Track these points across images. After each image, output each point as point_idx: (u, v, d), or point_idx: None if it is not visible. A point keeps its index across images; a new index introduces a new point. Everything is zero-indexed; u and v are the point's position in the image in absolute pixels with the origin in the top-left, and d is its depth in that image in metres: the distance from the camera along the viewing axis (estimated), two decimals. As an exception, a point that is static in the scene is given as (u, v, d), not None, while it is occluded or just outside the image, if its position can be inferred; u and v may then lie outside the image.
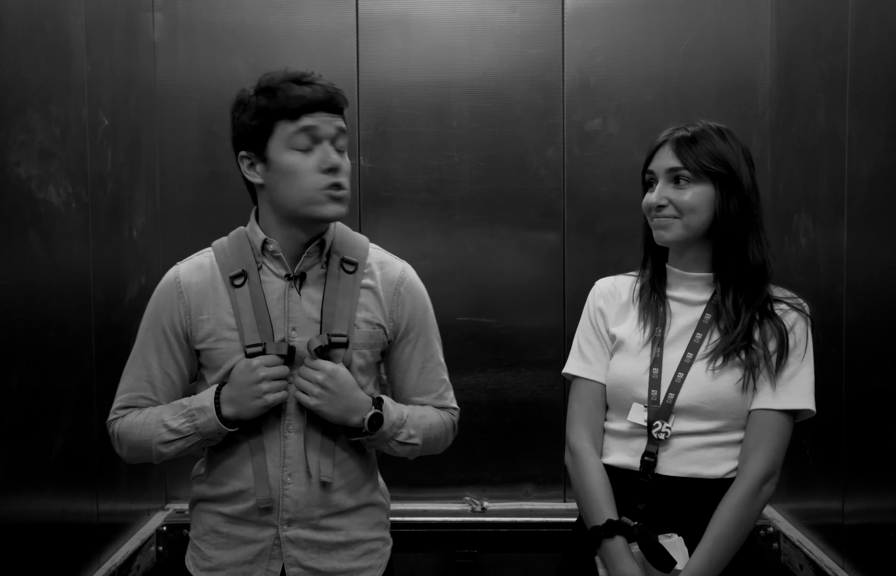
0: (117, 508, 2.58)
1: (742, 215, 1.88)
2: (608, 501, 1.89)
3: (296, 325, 1.85)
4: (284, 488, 1.84)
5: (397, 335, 1.95)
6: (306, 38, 2.94)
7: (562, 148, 2.95)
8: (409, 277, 1.98)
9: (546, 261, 2.97)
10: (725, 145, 1.89)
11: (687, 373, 1.87)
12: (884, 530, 2.15)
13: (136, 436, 1.85)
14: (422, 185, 2.97)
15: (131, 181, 2.74)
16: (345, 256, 1.90)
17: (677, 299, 1.96)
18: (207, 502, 1.91)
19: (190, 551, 1.95)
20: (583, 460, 1.94)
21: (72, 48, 2.32)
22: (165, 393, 1.89)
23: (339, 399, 1.81)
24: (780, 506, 2.85)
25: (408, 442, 1.91)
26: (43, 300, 2.14)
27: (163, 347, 1.88)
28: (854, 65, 2.29)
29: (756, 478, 1.82)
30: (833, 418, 2.39)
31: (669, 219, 1.90)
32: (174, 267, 1.93)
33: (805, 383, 1.87)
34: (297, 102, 1.78)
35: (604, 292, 2.06)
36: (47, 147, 2.16)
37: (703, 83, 2.93)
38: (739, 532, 1.81)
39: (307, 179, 1.79)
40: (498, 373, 3.00)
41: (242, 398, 1.78)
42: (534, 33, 2.94)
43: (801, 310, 1.91)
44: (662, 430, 1.86)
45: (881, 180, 2.15)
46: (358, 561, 1.92)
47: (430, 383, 2.00)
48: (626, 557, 1.82)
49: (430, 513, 2.94)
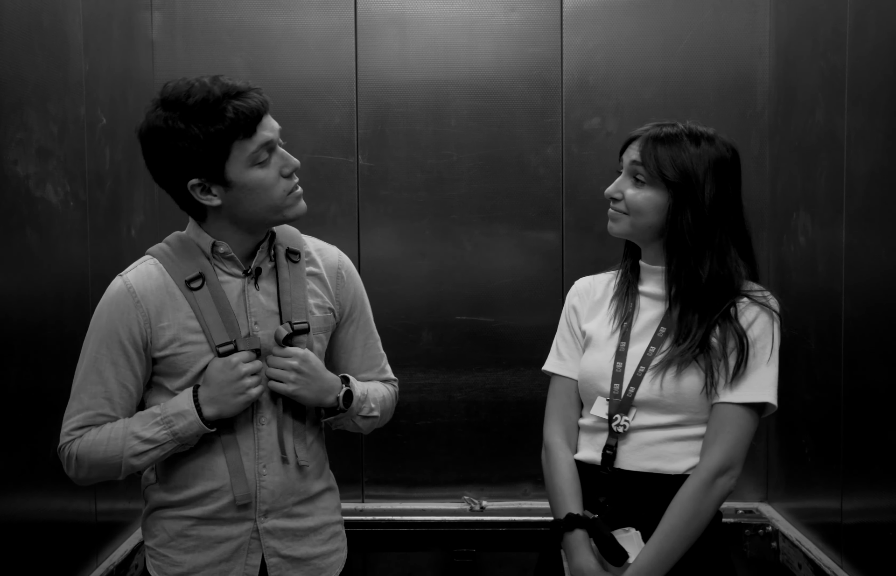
0: (115, 507, 2.58)
1: (695, 230, 1.85)
2: (574, 495, 1.91)
3: (257, 319, 1.86)
4: (261, 480, 1.85)
5: (342, 317, 2.00)
6: (304, 36, 2.94)
7: (560, 147, 2.95)
8: (346, 260, 2.04)
9: (544, 260, 2.97)
10: (695, 152, 1.87)
11: (648, 367, 1.88)
12: (882, 528, 2.15)
13: (101, 454, 1.78)
14: (420, 183, 2.97)
15: (129, 180, 2.73)
16: (288, 246, 1.93)
17: (646, 294, 1.97)
18: (168, 508, 1.88)
19: (153, 560, 1.90)
20: (553, 455, 1.98)
21: (70, 46, 2.32)
22: (123, 407, 1.82)
23: (314, 381, 1.85)
24: (779, 505, 2.85)
25: (370, 415, 1.97)
26: (40, 299, 2.14)
27: (119, 359, 1.81)
28: (853, 64, 2.29)
29: (710, 471, 1.81)
30: (832, 417, 2.39)
31: (620, 213, 1.92)
32: (119, 277, 1.86)
33: (766, 377, 1.84)
34: (249, 119, 1.74)
35: (579, 291, 2.09)
36: (45, 145, 2.15)
37: (701, 82, 2.93)
38: (691, 526, 1.80)
39: (275, 190, 1.79)
40: (496, 372, 3.00)
41: (224, 396, 1.78)
42: (532, 32, 2.94)
43: (765, 304, 1.87)
44: (621, 423, 1.87)
45: (880, 179, 2.15)
46: (326, 545, 1.96)
47: (373, 359, 2.07)
48: (583, 549, 1.85)
49: (428, 512, 2.94)
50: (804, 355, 2.60)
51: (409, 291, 2.96)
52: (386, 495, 3.00)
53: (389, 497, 3.00)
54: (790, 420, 2.75)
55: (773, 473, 2.91)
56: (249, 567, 1.86)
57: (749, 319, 1.86)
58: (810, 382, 2.57)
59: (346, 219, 2.96)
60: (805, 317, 2.59)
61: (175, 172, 1.78)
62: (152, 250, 1.91)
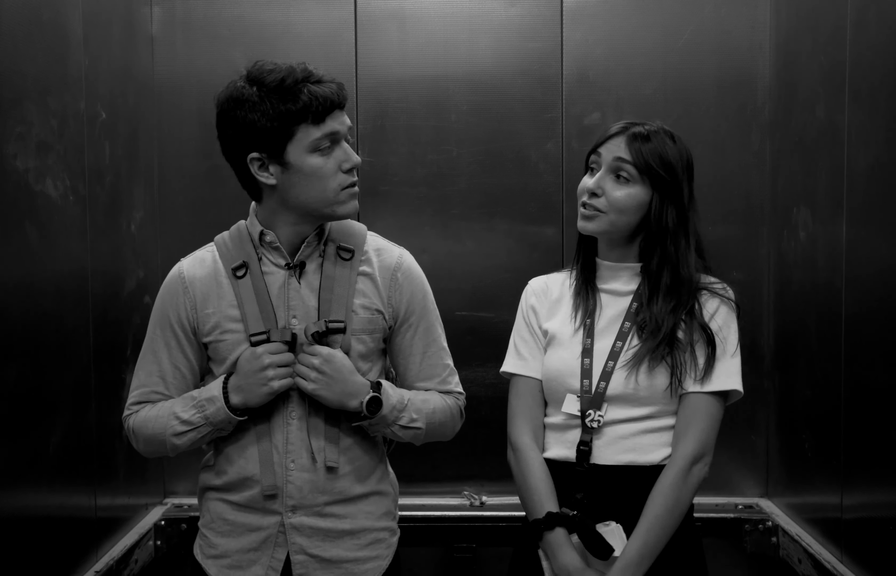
0: (115, 502, 2.58)
1: (678, 227, 1.91)
2: (549, 494, 1.92)
3: (296, 313, 1.87)
4: (288, 475, 1.86)
5: (397, 321, 1.96)
6: (304, 32, 2.93)
7: (560, 142, 2.95)
8: (407, 263, 1.99)
9: (545, 255, 2.96)
10: (675, 151, 1.92)
11: (616, 361, 1.90)
12: (882, 523, 2.15)
13: (150, 430, 1.87)
14: (420, 179, 2.97)
15: (129, 175, 2.73)
16: (341, 243, 1.92)
17: (606, 290, 1.99)
18: (214, 491, 1.93)
19: (198, 540, 1.97)
20: (523, 455, 1.97)
21: (69, 41, 2.32)
22: (177, 387, 1.91)
23: (336, 383, 1.82)
24: (779, 500, 2.85)
25: (410, 426, 1.91)
26: (40, 294, 2.13)
27: (171, 342, 1.90)
28: (853, 59, 2.29)
29: (685, 459, 1.85)
30: (832, 412, 2.39)
31: (596, 211, 1.93)
32: (178, 263, 1.95)
33: (731, 366, 1.90)
34: (322, 106, 1.78)
35: (535, 290, 2.10)
36: (45, 140, 2.15)
37: (702, 77, 2.92)
38: (673, 515, 1.83)
39: (331, 181, 1.82)
40: (496, 367, 2.97)
41: (249, 386, 1.80)
42: (532, 27, 2.94)
43: (724, 295, 1.93)
44: (595, 418, 1.89)
45: (880, 175, 2.14)
46: (364, 550, 1.93)
47: (434, 368, 2.00)
48: (566, 547, 1.85)
49: (428, 507, 2.94)
50: (804, 351, 2.60)
51: (409, 287, 2.95)
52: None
53: (389, 493, 3.00)
54: (790, 416, 2.75)
55: (773, 468, 2.91)
56: (275, 561, 1.88)
57: (710, 311, 1.92)
58: (810, 378, 2.57)
59: (345, 214, 2.95)
60: (805, 313, 2.59)
61: (239, 143, 1.82)
62: (217, 237, 1.97)
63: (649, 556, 1.81)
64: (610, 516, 1.86)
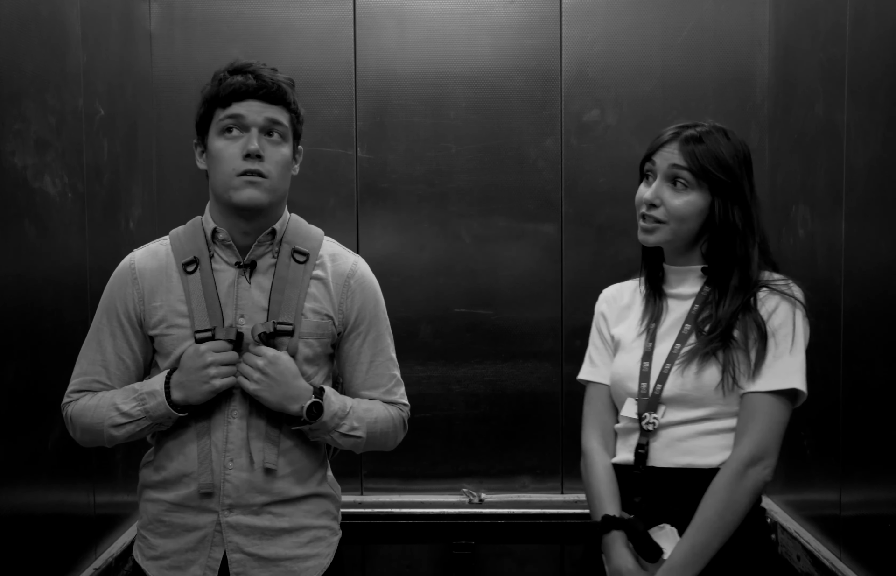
0: (114, 499, 2.58)
1: (745, 226, 1.87)
2: (611, 497, 1.91)
3: (244, 312, 1.86)
4: (226, 474, 1.84)
5: (347, 327, 1.95)
6: (303, 28, 2.93)
7: (559, 139, 2.95)
8: (361, 271, 1.98)
9: (543, 252, 2.97)
10: (730, 147, 1.87)
11: (674, 363, 1.87)
12: (880, 520, 2.15)
13: (89, 419, 1.85)
14: (419, 176, 2.96)
15: (128, 172, 2.73)
16: (296, 246, 1.92)
17: (673, 295, 1.97)
18: (152, 489, 1.90)
19: (138, 542, 1.95)
20: (590, 460, 1.98)
21: (68, 37, 2.32)
22: (119, 378, 1.89)
23: (279, 385, 1.81)
24: (778, 497, 2.85)
25: (350, 434, 1.89)
26: (38, 291, 2.13)
27: (117, 332, 1.89)
28: (852, 56, 2.29)
29: (740, 461, 1.79)
30: (830, 410, 2.39)
31: (656, 223, 1.89)
32: (130, 253, 1.95)
33: (792, 364, 1.82)
34: (228, 90, 1.83)
35: (607, 297, 2.10)
36: (43, 136, 2.15)
37: (701, 74, 2.92)
38: (725, 518, 1.78)
39: (228, 164, 1.82)
40: (495, 365, 3.00)
41: (191, 383, 1.79)
42: (531, 24, 2.94)
43: (786, 293, 1.86)
44: (650, 420, 1.87)
45: (879, 172, 2.14)
46: (304, 548, 1.91)
47: (380, 378, 1.99)
48: (620, 550, 1.84)
49: (427, 505, 2.94)
50: (803, 348, 2.60)
51: (408, 284, 2.96)
52: (384, 487, 3.00)
53: (388, 490, 3.00)
54: (789, 413, 2.75)
55: (771, 465, 2.91)
56: (212, 560, 1.85)
57: (770, 309, 1.85)
58: (809, 375, 2.54)
59: (344, 211, 2.96)
60: (804, 310, 2.59)
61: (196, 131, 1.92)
62: (172, 231, 1.97)
63: (698, 559, 1.77)
64: (667, 519, 1.83)
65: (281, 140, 1.86)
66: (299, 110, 1.92)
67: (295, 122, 1.90)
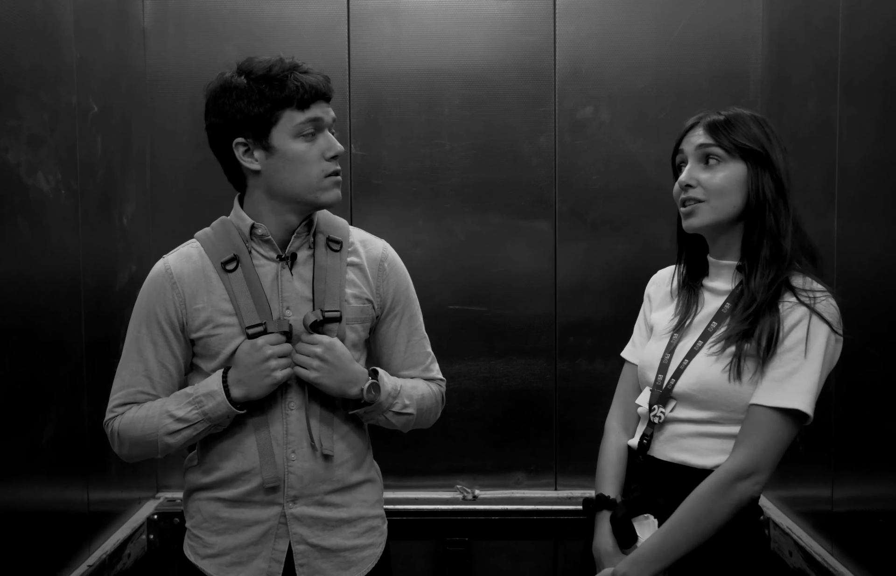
0: (108, 496, 2.58)
1: (777, 198, 1.83)
2: (613, 478, 1.96)
3: (289, 304, 1.88)
4: (289, 465, 1.87)
5: (384, 311, 2.00)
6: (298, 25, 2.93)
7: (553, 136, 2.95)
8: (392, 254, 2.03)
9: (537, 249, 2.97)
10: (759, 130, 1.87)
11: (692, 360, 1.87)
12: (872, 516, 2.16)
13: (140, 431, 1.85)
14: (413, 173, 2.96)
15: (122, 169, 2.73)
16: (330, 235, 1.94)
17: (711, 289, 1.94)
18: (204, 490, 1.92)
19: (188, 541, 1.96)
20: (605, 438, 2.03)
21: (61, 34, 2.31)
22: (163, 386, 1.89)
23: (338, 371, 1.84)
24: (770, 493, 2.86)
25: (403, 412, 1.95)
26: (32, 289, 2.13)
27: (158, 339, 1.88)
28: (845, 53, 2.29)
29: (730, 472, 1.76)
30: (823, 406, 2.39)
31: (696, 203, 1.86)
32: (162, 259, 1.93)
33: (802, 384, 1.76)
34: (307, 93, 1.82)
35: (656, 280, 2.11)
36: (36, 133, 2.15)
37: (694, 71, 2.93)
38: (700, 524, 1.76)
39: (314, 167, 1.84)
40: (489, 361, 3.00)
41: (251, 378, 1.81)
42: (525, 21, 2.94)
43: (810, 307, 1.78)
44: (657, 413, 1.89)
45: (872, 169, 2.15)
46: (361, 538, 1.96)
47: (417, 356, 2.05)
48: (604, 529, 1.90)
49: (421, 501, 2.95)
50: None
51: (402, 281, 2.95)
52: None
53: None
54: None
55: (764, 461, 2.91)
56: (276, 552, 1.88)
57: (792, 322, 1.79)
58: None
59: (338, 208, 2.93)
60: (797, 306, 2.59)
61: (226, 130, 1.85)
62: (198, 234, 1.96)
63: (663, 557, 1.78)
64: (654, 511, 1.86)
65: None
66: None
67: None
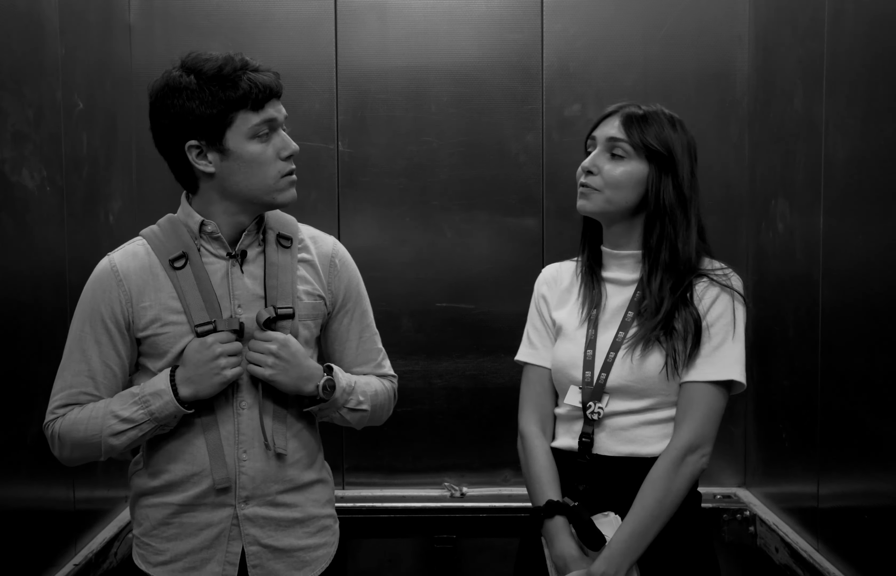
0: (94, 495, 2.57)
1: (676, 203, 1.89)
2: (552, 482, 1.93)
3: (241, 302, 1.85)
4: (241, 465, 1.84)
5: (335, 307, 1.98)
6: (284, 22, 2.92)
7: (541, 134, 2.95)
8: (341, 250, 2.01)
9: (525, 246, 2.97)
10: (674, 134, 1.91)
11: (618, 352, 1.89)
12: (857, 512, 2.17)
13: (82, 432, 1.79)
14: (400, 170, 2.96)
15: (107, 165, 2.71)
16: (279, 231, 1.92)
17: (611, 280, 1.98)
18: (151, 495, 1.87)
19: (137, 549, 1.90)
20: (529, 444, 2.00)
21: (45, 30, 2.30)
22: (107, 387, 1.83)
23: (293, 368, 1.82)
24: (757, 490, 2.88)
25: (357, 408, 1.93)
26: (17, 285, 2.12)
27: (102, 338, 1.82)
28: (831, 51, 2.30)
29: (678, 449, 1.83)
30: (808, 402, 2.41)
31: (592, 190, 1.91)
32: (106, 257, 1.88)
33: (731, 354, 1.86)
34: (262, 93, 1.78)
35: (547, 279, 2.10)
36: (20, 129, 2.13)
37: (681, 69, 2.93)
38: (663, 505, 1.81)
39: (270, 168, 1.82)
40: (477, 359, 3.00)
41: (200, 377, 1.77)
42: (513, 18, 2.94)
43: (725, 284, 1.89)
44: (595, 410, 1.89)
45: (857, 166, 2.16)
46: (313, 538, 1.93)
47: (369, 352, 2.03)
48: (564, 536, 1.87)
49: (409, 499, 2.94)
50: (782, 342, 2.62)
51: (390, 278, 2.95)
52: (366, 481, 2.99)
53: (370, 484, 3.00)
54: (768, 406, 2.77)
55: (750, 458, 2.93)
56: (230, 555, 1.85)
57: (710, 299, 1.88)
58: (788, 368, 2.59)
59: (325, 205, 2.95)
60: (783, 304, 2.61)
61: (176, 132, 1.80)
62: (144, 231, 1.92)
63: (636, 546, 1.80)
64: (611, 507, 1.86)
65: None
66: None
67: None
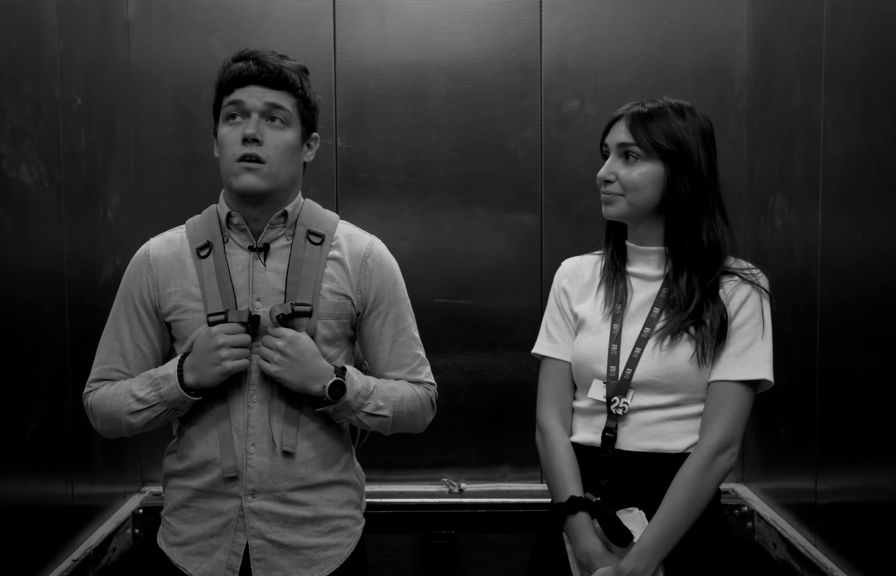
0: (93, 491, 2.57)
1: (693, 195, 1.88)
2: (573, 478, 1.91)
3: (260, 295, 1.86)
4: (248, 458, 1.85)
5: (366, 308, 1.95)
6: (283, 17, 2.91)
7: (539, 129, 2.95)
8: (377, 250, 1.98)
9: (523, 242, 2.97)
10: (682, 123, 1.90)
11: (644, 347, 1.88)
12: (855, 508, 2.18)
13: (108, 408, 1.87)
14: (399, 166, 2.96)
15: (105, 161, 2.71)
16: (311, 228, 1.92)
17: (636, 275, 1.97)
18: (176, 477, 1.92)
19: (161, 528, 1.96)
20: (550, 438, 1.97)
21: (43, 27, 2.29)
22: (137, 366, 1.91)
23: (300, 366, 1.81)
24: (755, 485, 2.88)
25: (376, 414, 1.90)
26: (16, 281, 2.11)
27: (133, 320, 1.91)
28: (830, 48, 2.30)
29: (710, 449, 1.82)
30: (807, 399, 2.41)
31: (614, 195, 1.92)
32: (147, 242, 1.96)
33: (761, 354, 1.86)
34: (229, 76, 1.84)
35: (567, 272, 2.08)
36: (19, 125, 2.13)
37: (680, 65, 2.93)
38: (694, 504, 1.81)
39: (228, 150, 1.83)
40: (475, 355, 3.00)
41: (202, 365, 1.79)
42: (512, 14, 2.94)
43: (755, 283, 1.90)
44: (620, 405, 1.88)
45: (856, 163, 2.16)
46: (325, 537, 1.91)
47: (403, 357, 1.99)
48: (587, 532, 1.85)
49: (407, 495, 2.94)
50: (780, 338, 2.61)
51: (388, 274, 2.95)
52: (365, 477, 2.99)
53: (368, 480, 2.94)
54: (766, 402, 2.76)
55: (749, 454, 2.93)
56: (235, 545, 1.86)
57: (741, 298, 1.88)
58: (786, 365, 2.59)
59: (324, 201, 2.88)
60: (781, 300, 2.60)
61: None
62: (189, 219, 1.98)
63: (666, 544, 1.79)
64: (634, 503, 1.85)
65: (283, 125, 1.85)
66: (309, 96, 1.91)
67: (302, 108, 1.89)
